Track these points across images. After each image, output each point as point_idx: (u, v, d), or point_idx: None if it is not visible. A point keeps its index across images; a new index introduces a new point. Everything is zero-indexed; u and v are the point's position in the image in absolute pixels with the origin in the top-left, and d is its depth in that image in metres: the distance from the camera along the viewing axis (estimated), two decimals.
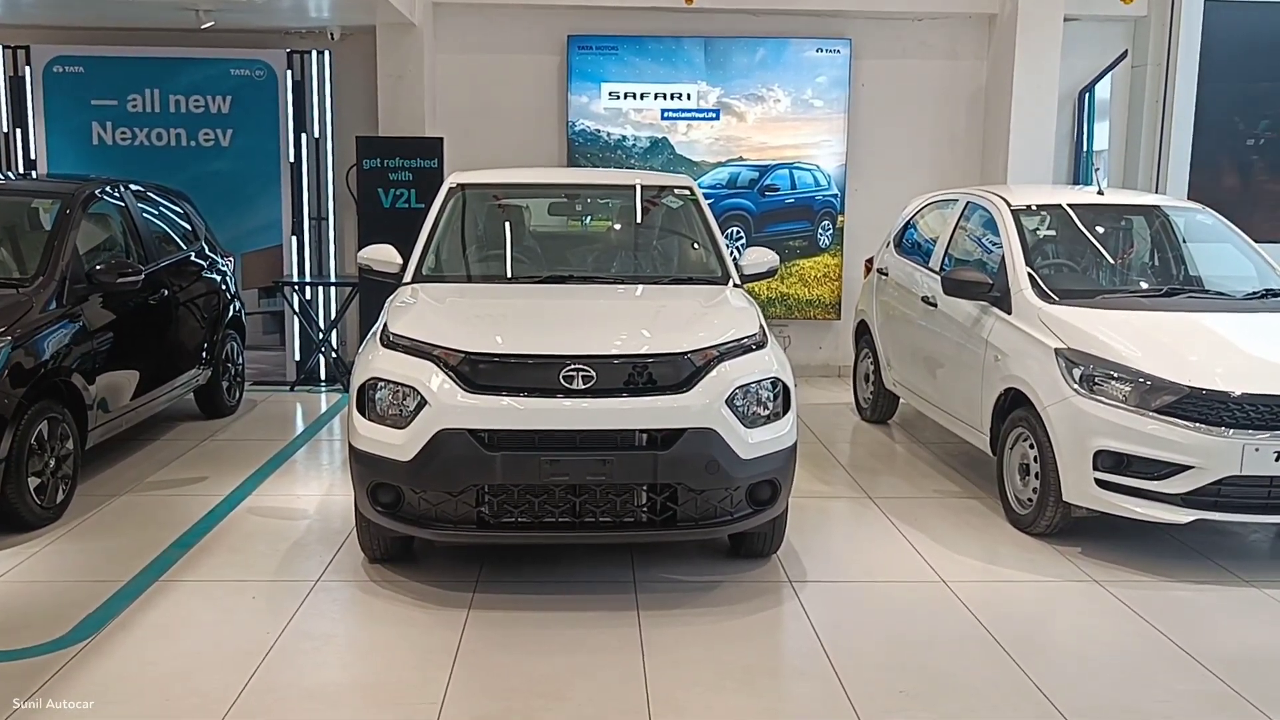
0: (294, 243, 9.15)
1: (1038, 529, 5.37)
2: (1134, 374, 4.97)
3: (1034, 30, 8.80)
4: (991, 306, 5.90)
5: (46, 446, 5.31)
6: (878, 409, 7.80)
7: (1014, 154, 8.94)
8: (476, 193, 5.99)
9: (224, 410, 7.68)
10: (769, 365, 4.60)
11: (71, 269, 5.80)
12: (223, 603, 4.45)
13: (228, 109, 9.00)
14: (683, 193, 6.03)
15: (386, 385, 4.43)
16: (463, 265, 5.72)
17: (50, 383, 5.39)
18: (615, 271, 5.75)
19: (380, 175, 8.64)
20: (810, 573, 4.89)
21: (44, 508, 5.28)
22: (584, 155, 9.21)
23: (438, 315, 4.84)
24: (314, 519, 5.54)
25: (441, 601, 4.47)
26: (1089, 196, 6.55)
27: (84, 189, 6.30)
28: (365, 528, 4.74)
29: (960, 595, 4.67)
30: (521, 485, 4.30)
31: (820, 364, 9.72)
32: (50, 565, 4.83)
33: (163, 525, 5.34)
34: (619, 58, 9.12)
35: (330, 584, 4.66)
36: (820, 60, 9.21)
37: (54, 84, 8.92)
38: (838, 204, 9.35)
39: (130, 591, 4.51)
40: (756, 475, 4.45)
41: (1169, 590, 4.79)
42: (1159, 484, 4.87)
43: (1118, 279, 6.26)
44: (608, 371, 4.36)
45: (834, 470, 6.64)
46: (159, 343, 6.70)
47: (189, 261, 7.33)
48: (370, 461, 4.41)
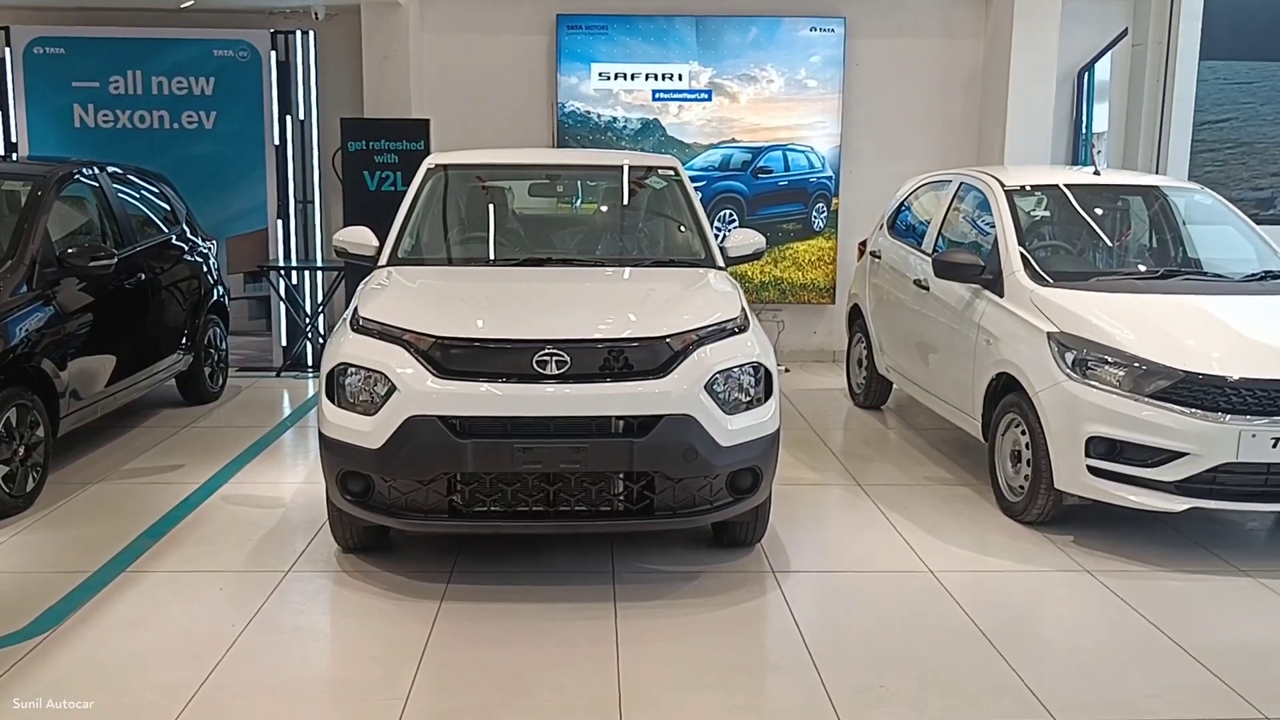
0: (279, 226, 9.01)
1: (1029, 517, 5.24)
2: (1128, 358, 4.83)
3: (1031, 8, 8.62)
4: (984, 289, 5.76)
5: (15, 434, 5.20)
6: (871, 394, 7.67)
7: (1011, 135, 8.78)
8: (456, 173, 5.85)
9: (206, 397, 7.56)
10: (750, 350, 4.46)
11: (42, 253, 5.67)
12: (189, 594, 4.34)
13: (211, 90, 8.85)
14: (667, 173, 5.89)
15: (356, 371, 4.30)
16: (441, 248, 5.59)
17: (19, 369, 5.27)
18: (597, 254, 5.62)
19: (366, 158, 8.50)
20: (794, 562, 4.77)
21: (13, 496, 5.17)
22: (574, 137, 9.06)
23: (409, 299, 4.71)
24: (290, 507, 5.42)
25: (414, 593, 4.36)
26: (1085, 177, 6.40)
27: (56, 171, 6.17)
28: (337, 517, 4.62)
29: (947, 585, 4.54)
30: (494, 474, 4.17)
31: (815, 349, 9.58)
32: (16, 555, 4.72)
33: (134, 514, 5.23)
34: (609, 37, 8.96)
35: (301, 575, 4.54)
36: (814, 39, 9.04)
37: (35, 65, 8.77)
38: (832, 186, 9.20)
39: (95, 583, 4.40)
40: (737, 463, 4.32)
41: (1162, 580, 4.67)
42: (1153, 471, 4.73)
43: (1114, 261, 6.12)
44: (583, 356, 4.22)
45: (825, 457, 6.51)
46: (136, 328, 6.57)
47: (169, 245, 7.20)
48: (339, 449, 4.29)
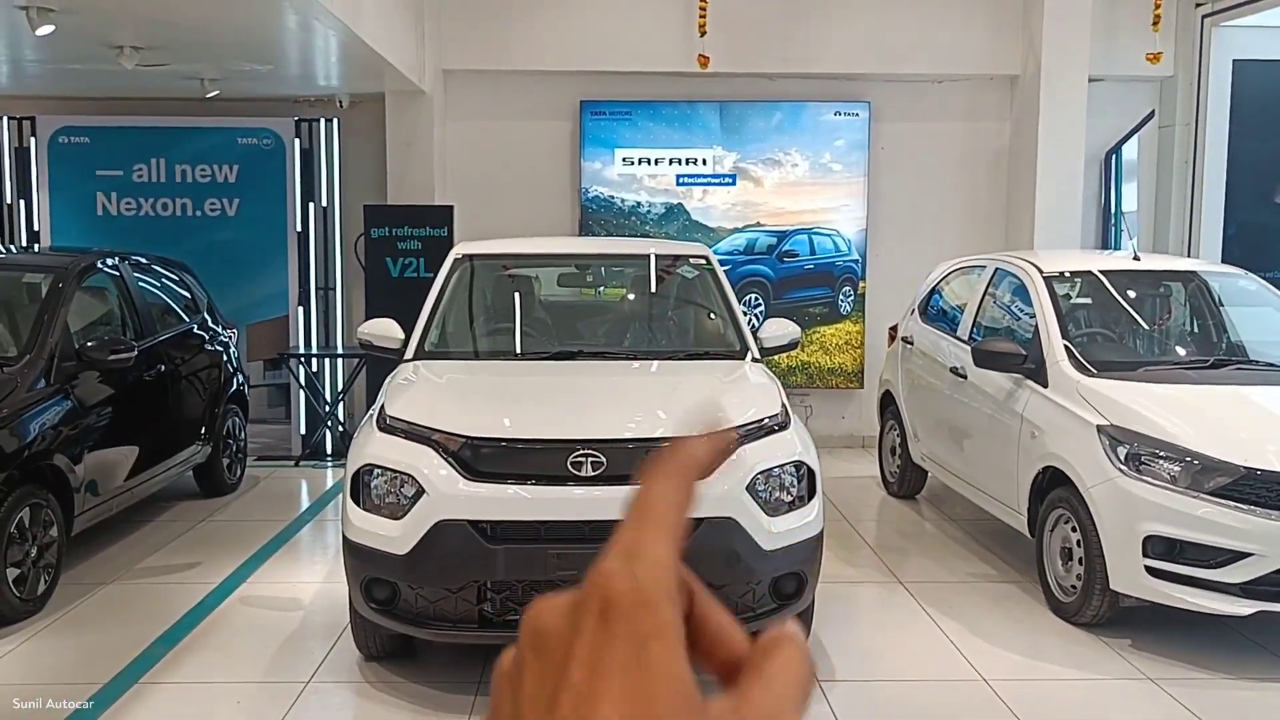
0: (300, 313, 8.93)
1: (1083, 618, 5.00)
2: (1184, 453, 4.63)
3: (1058, 91, 8.57)
4: (1025, 379, 5.58)
5: (28, 534, 5.03)
6: (905, 483, 7.45)
7: (1040, 217, 8.67)
8: (482, 263, 5.75)
9: (224, 488, 7.39)
10: (793, 447, 4.30)
11: (61, 346, 5.57)
12: (204, 709, 4.14)
13: (234, 178, 8.84)
14: (699, 262, 5.77)
15: (382, 472, 4.14)
16: (468, 340, 5.46)
17: (34, 466, 5.13)
18: (628, 346, 5.48)
19: (389, 244, 8.43)
20: (839, 671, 4.53)
21: (23, 600, 4.99)
22: (598, 222, 9.00)
23: (437, 396, 4.57)
24: (310, 610, 5.22)
25: (441, 706, 4.14)
26: (1124, 262, 6.26)
27: (78, 263, 6.11)
28: (360, 624, 4.42)
29: (1002, 695, 4.30)
30: (526, 581, 3.98)
31: (844, 434, 9.38)
32: (24, 665, 4.53)
33: (148, 619, 5.03)
34: (632, 123, 8.94)
35: (322, 686, 4.33)
36: (839, 123, 9.01)
37: (59, 154, 8.79)
38: (859, 269, 9.09)
39: (106, 697, 4.19)
40: (781, 568, 4.13)
41: (1230, 689, 4.42)
42: (1215, 572, 4.50)
43: (1158, 349, 5.96)
44: (618, 456, 4.05)
45: (860, 551, 6.28)
46: (155, 420, 6.44)
47: (189, 334, 7.10)
48: (364, 554, 4.11)
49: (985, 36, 8.86)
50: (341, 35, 6.40)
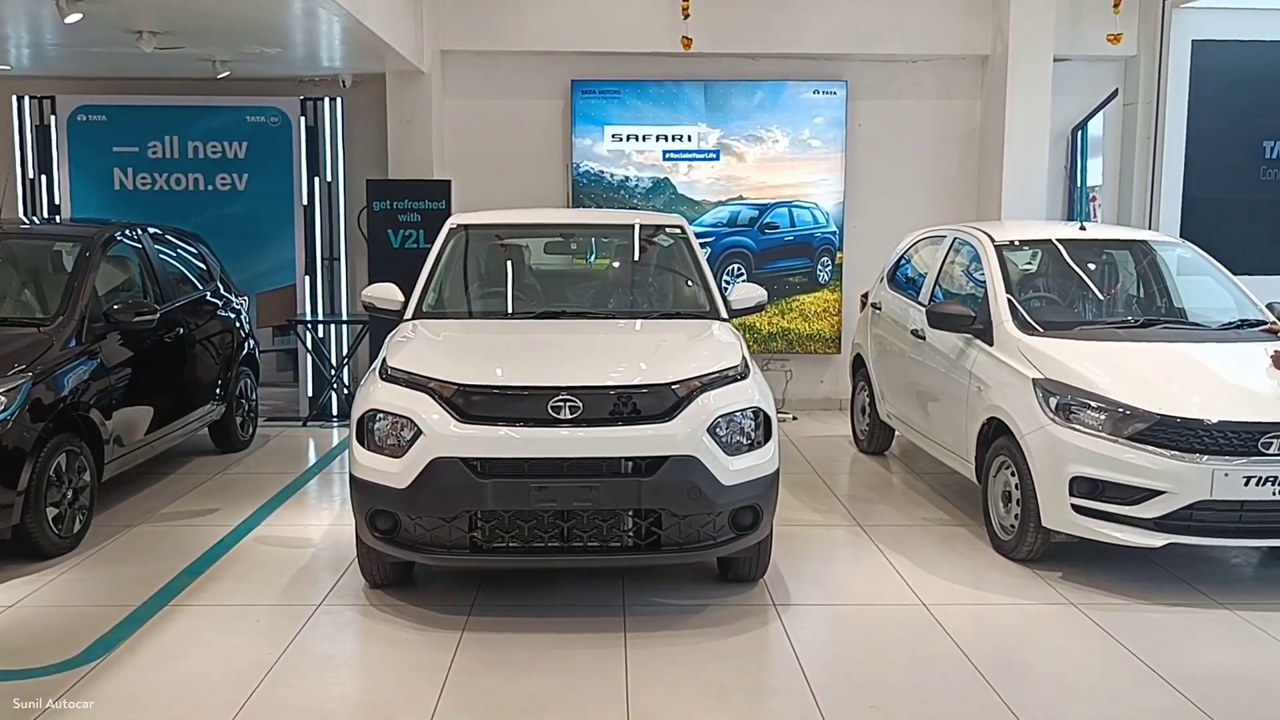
0: (307, 282, 9.44)
1: (1020, 554, 5.51)
2: (1106, 402, 5.12)
3: (1025, 70, 9.02)
4: (975, 339, 6.07)
5: (64, 478, 5.55)
6: (874, 440, 7.96)
7: (1008, 191, 9.13)
8: (476, 233, 6.24)
9: (237, 445, 7.92)
10: (750, 395, 4.79)
11: (90, 309, 6.06)
12: (228, 626, 4.66)
13: (244, 154, 9.35)
14: (674, 231, 6.26)
15: (384, 416, 4.65)
16: (462, 302, 5.95)
17: (69, 417, 5.64)
18: (608, 307, 5.97)
19: (390, 217, 8.92)
20: (795, 597, 5.05)
21: (61, 537, 5.51)
22: (588, 196, 9.47)
23: (434, 349, 5.07)
24: (320, 547, 5.74)
25: (437, 624, 4.66)
26: (1071, 232, 6.73)
27: (103, 232, 6.59)
28: (365, 554, 4.94)
29: (940, 618, 4.81)
30: (511, 511, 4.49)
31: (821, 397, 9.89)
32: (66, 591, 5.05)
33: (174, 554, 5.56)
34: (621, 101, 9.41)
35: (332, 608, 4.86)
36: (817, 101, 9.46)
37: (78, 132, 9.29)
38: (836, 241, 9.56)
39: (140, 616, 4.72)
40: (738, 501, 4.63)
41: (1143, 612, 4.92)
42: (1132, 509, 5.00)
43: (1100, 311, 6.42)
44: (594, 401, 4.56)
45: (829, 500, 6.79)
46: (174, 380, 6.95)
47: (204, 301, 7.60)
48: (369, 489, 4.62)
49: (956, 19, 9.30)
50: (345, 20, 6.87)
